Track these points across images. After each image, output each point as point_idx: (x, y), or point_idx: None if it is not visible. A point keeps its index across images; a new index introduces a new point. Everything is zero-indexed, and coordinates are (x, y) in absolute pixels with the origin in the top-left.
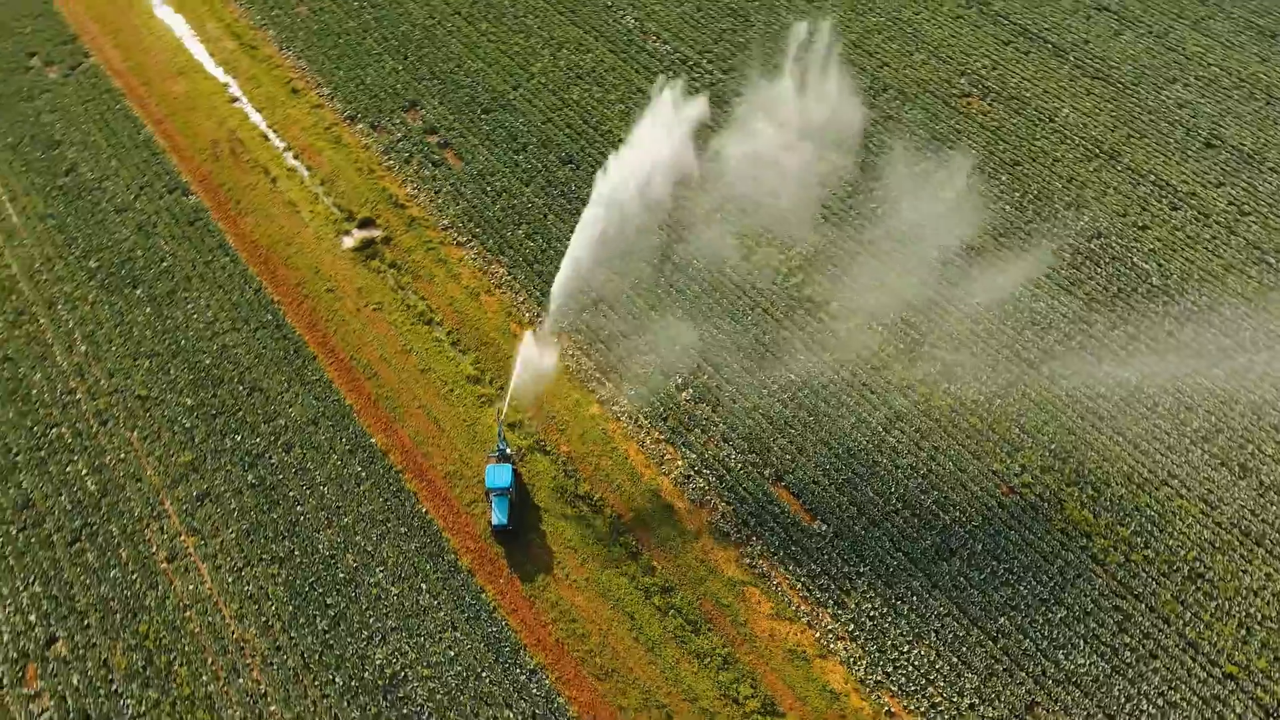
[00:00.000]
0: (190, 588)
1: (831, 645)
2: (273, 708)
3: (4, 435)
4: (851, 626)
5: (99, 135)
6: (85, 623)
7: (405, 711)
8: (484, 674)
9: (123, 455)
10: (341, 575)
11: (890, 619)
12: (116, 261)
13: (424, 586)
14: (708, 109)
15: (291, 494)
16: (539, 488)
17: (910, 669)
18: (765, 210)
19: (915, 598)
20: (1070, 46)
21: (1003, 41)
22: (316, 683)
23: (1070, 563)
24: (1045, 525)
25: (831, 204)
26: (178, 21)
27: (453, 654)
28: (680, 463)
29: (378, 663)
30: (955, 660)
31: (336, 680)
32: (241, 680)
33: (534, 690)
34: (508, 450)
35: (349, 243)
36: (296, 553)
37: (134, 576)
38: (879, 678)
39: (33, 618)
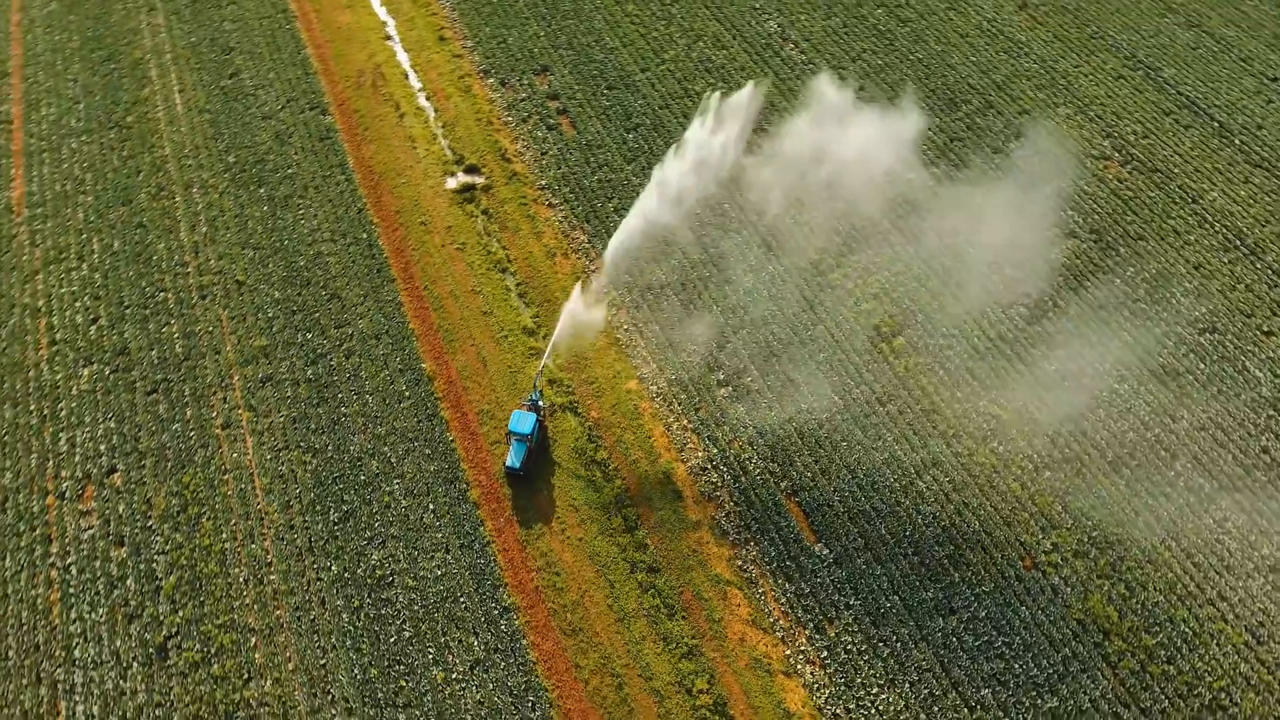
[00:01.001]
0: (234, 455)
1: (799, 666)
2: (273, 577)
3: (121, 289)
4: (825, 654)
5: (266, 49)
6: (142, 463)
7: (384, 612)
8: (462, 599)
9: (211, 329)
10: (362, 478)
11: (867, 657)
12: (251, 161)
13: (431, 506)
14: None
15: (340, 395)
16: (561, 444)
17: (873, 711)
18: (856, 232)
19: (900, 644)
20: (1240, 129)
21: (1163, 111)
22: (315, 566)
23: (1078, 655)
24: (1062, 610)
25: (912, 225)
26: None
27: (440, 573)
28: (701, 454)
29: (372, 562)
30: (923, 716)
31: (333, 568)
32: (254, 546)
33: (502, 626)
34: (540, 402)
35: (452, 184)
36: (330, 448)
37: (192, 434)
38: (839, 711)
39: (102, 448)
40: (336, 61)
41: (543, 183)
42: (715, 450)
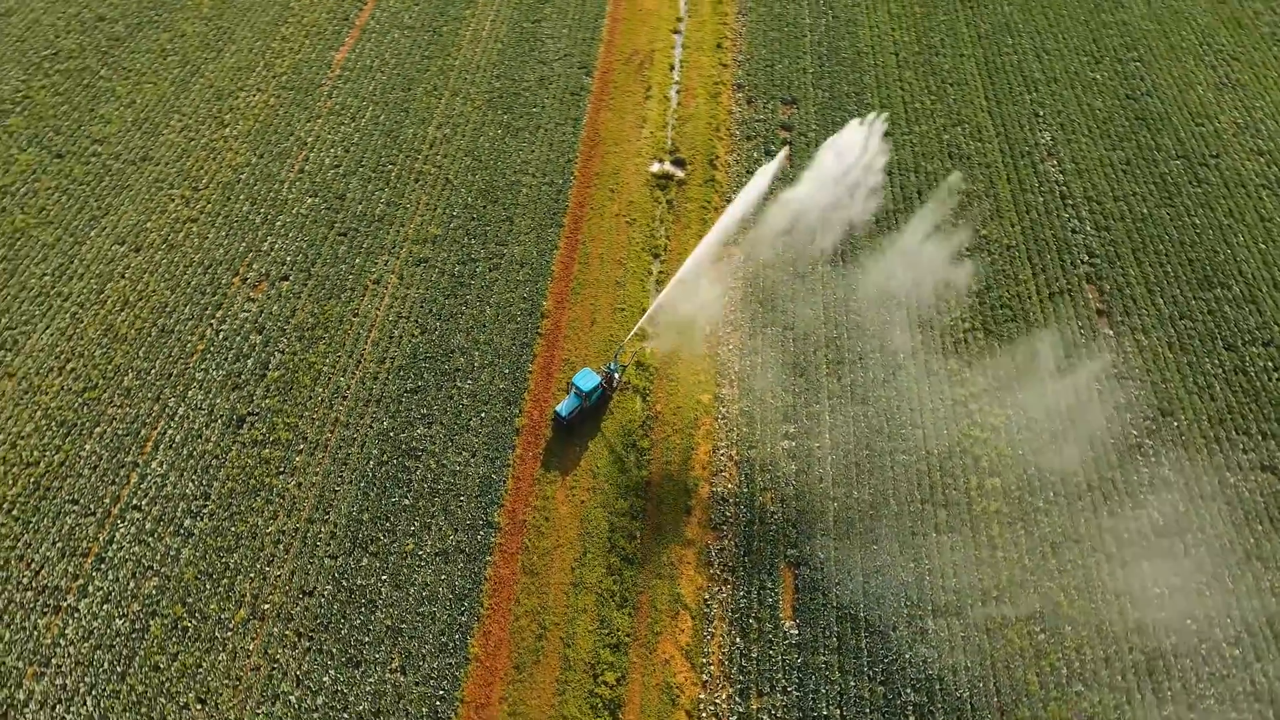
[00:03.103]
0: (368, 306)
1: (705, 715)
2: (341, 407)
3: (365, 151)
4: (736, 718)
5: (573, 10)
6: (307, 282)
7: (400, 475)
8: (462, 497)
9: (408, 206)
10: (445, 367)
11: None
12: (510, 91)
13: (483, 414)
14: None
15: (468, 297)
16: (615, 418)
17: None
18: (1010, 355)
19: None
20: None
21: None
22: (374, 414)
23: None
24: None
25: (1081, 375)
26: None
27: (457, 469)
28: (730, 485)
29: (415, 434)
30: None
31: (384, 423)
32: (343, 379)
33: (479, 536)
34: (616, 375)
35: (655, 168)
36: (436, 332)
37: (350, 276)
38: None
39: (287, 259)
40: (622, 36)
41: (732, 196)
42: (745, 490)
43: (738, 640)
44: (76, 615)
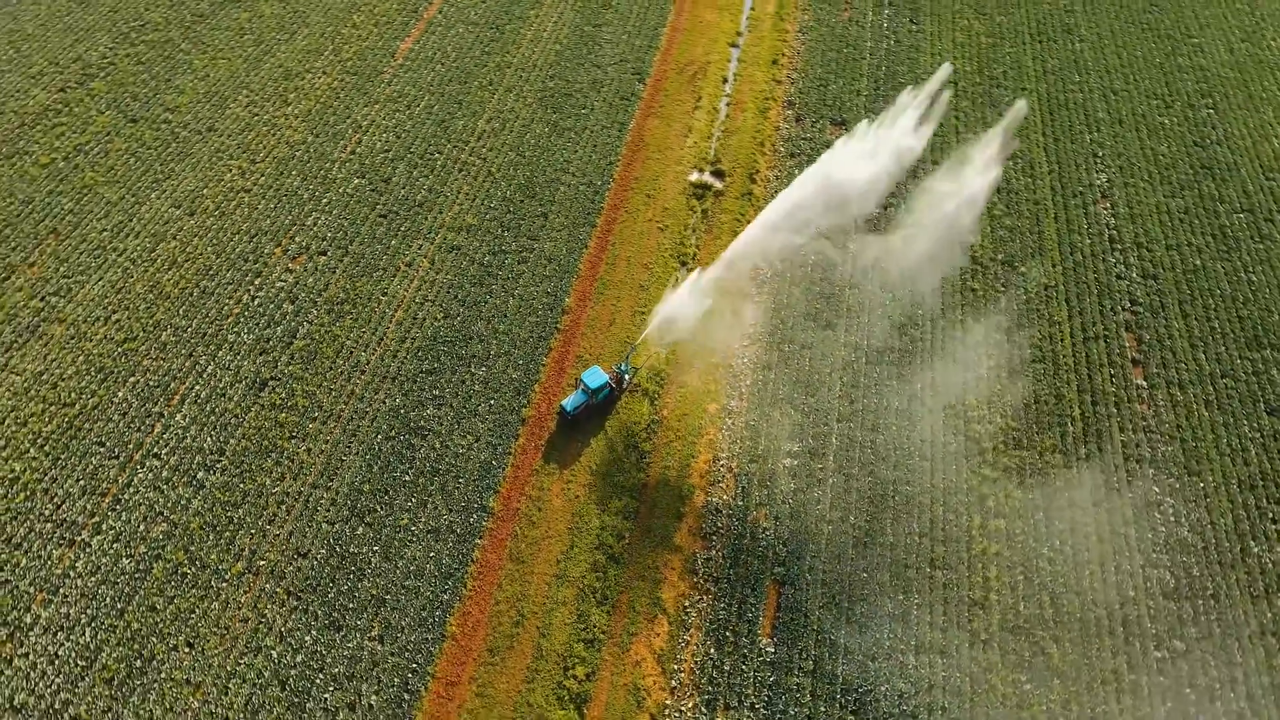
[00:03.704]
0: (397, 286)
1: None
2: (358, 380)
3: (415, 139)
4: None
5: (634, 17)
6: (344, 258)
7: (404, 452)
8: (461, 479)
9: (449, 194)
10: (462, 352)
11: None
12: (561, 91)
13: (492, 401)
14: None
15: (494, 286)
16: (619, 418)
17: None
18: (1029, 403)
19: None
20: None
21: None
22: (387, 390)
23: None
24: None
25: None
26: None
27: (460, 450)
28: (726, 497)
29: (424, 413)
30: None
31: (395, 400)
32: (363, 355)
33: (472, 519)
34: (626, 375)
35: (693, 177)
36: (458, 319)
37: (385, 257)
38: None
39: (328, 235)
40: (679, 47)
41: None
42: (740, 503)
43: (712, 651)
44: (88, 550)
